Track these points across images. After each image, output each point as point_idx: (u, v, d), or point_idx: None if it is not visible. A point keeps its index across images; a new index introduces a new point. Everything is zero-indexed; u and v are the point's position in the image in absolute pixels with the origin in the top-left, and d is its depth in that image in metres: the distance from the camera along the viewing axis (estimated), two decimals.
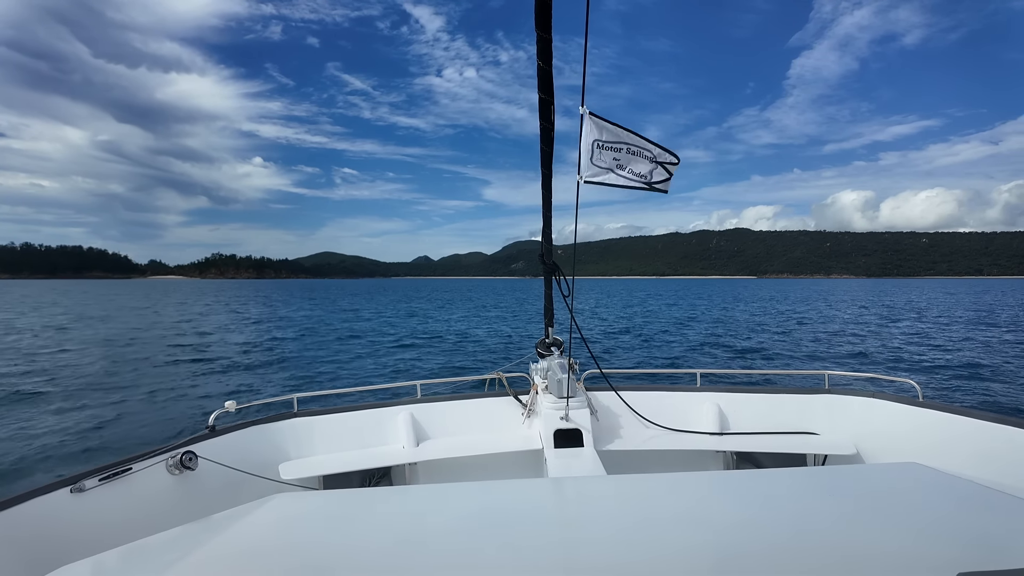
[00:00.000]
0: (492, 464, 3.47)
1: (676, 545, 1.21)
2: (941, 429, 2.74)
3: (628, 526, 1.35)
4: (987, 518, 1.30)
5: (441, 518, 1.46)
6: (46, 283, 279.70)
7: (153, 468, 2.55)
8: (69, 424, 8.52)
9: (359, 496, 1.87)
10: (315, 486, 3.22)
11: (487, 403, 3.65)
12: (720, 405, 3.49)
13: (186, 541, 1.39)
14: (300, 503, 1.70)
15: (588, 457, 2.93)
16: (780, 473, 1.77)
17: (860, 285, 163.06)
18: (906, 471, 1.66)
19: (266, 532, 1.44)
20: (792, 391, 3.48)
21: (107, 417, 9.01)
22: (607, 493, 1.68)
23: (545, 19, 2.11)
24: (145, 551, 1.33)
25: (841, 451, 3.08)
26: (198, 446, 2.76)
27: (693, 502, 1.51)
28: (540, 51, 2.24)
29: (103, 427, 8.43)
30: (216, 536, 1.43)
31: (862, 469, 1.94)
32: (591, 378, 3.69)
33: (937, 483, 1.52)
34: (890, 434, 3.02)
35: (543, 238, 3.27)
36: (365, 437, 3.42)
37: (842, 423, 3.26)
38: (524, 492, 1.71)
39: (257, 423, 3.21)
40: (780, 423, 3.39)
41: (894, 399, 3.09)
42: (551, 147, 2.71)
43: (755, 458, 3.51)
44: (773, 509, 1.43)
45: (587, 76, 2.27)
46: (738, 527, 1.30)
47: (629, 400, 3.50)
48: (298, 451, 3.27)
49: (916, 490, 1.49)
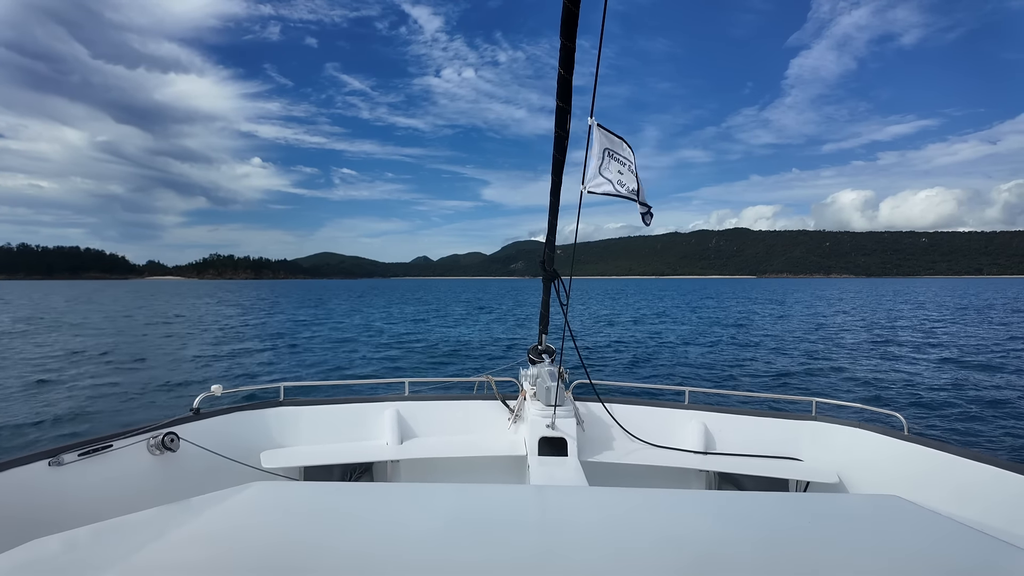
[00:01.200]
0: (475, 467, 3.46)
1: (653, 560, 1.21)
2: (924, 464, 2.75)
3: (605, 539, 1.35)
4: (963, 556, 1.30)
5: (419, 517, 1.45)
6: (41, 284, 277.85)
7: (134, 447, 2.54)
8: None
9: (338, 489, 1.86)
10: (296, 476, 3.21)
11: (474, 405, 3.64)
12: (706, 424, 3.48)
13: (161, 522, 1.38)
14: (279, 492, 1.69)
15: (571, 467, 2.95)
16: (761, 496, 1.78)
17: (860, 285, 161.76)
18: (886, 503, 1.66)
19: (242, 519, 1.44)
20: (779, 415, 3.48)
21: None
22: (588, 504, 1.67)
23: (571, 29, 2.11)
24: (119, 529, 1.32)
25: (824, 479, 3.08)
26: (181, 428, 2.77)
27: (673, 519, 1.52)
28: (563, 59, 2.24)
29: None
30: (192, 520, 1.42)
31: (842, 498, 1.93)
32: (580, 388, 3.66)
33: (916, 517, 1.52)
34: (873, 465, 3.01)
35: (547, 244, 3.28)
36: (349, 431, 3.41)
37: (826, 451, 3.26)
38: (505, 497, 1.71)
39: (242, 409, 3.21)
40: (765, 446, 3.38)
41: (879, 431, 3.07)
42: (564, 155, 2.72)
43: (738, 479, 3.47)
44: (751, 531, 1.43)
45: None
46: (715, 547, 1.30)
47: (616, 413, 3.50)
48: (281, 440, 3.27)
49: (894, 523, 1.49)
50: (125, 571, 1.08)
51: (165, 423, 2.72)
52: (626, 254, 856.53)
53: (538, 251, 3.41)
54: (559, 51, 2.22)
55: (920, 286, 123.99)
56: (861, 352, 18.42)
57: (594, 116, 2.50)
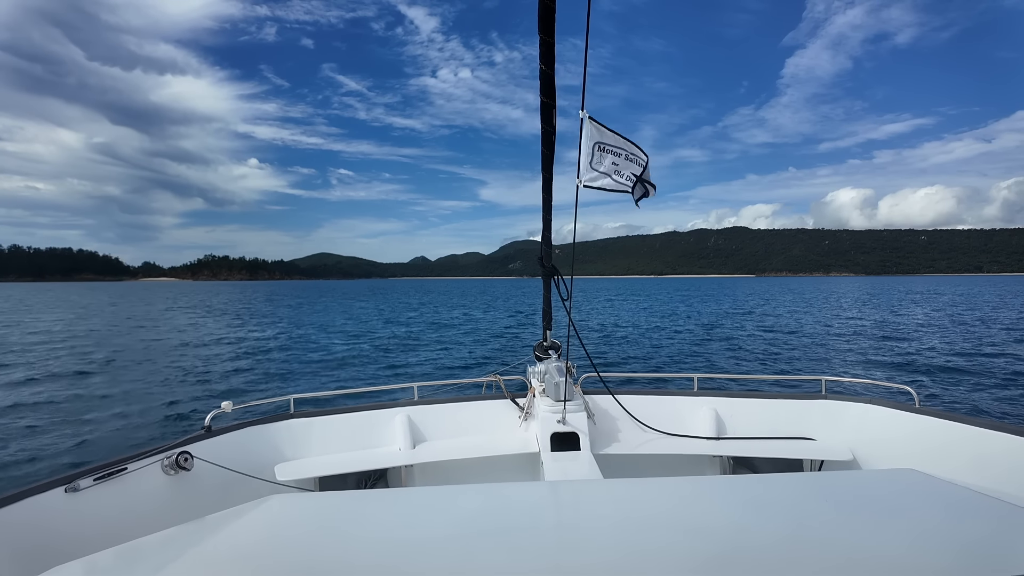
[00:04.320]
0: (489, 467, 3.48)
1: (672, 549, 1.21)
2: (937, 435, 2.75)
3: (624, 530, 1.35)
4: (983, 525, 1.30)
5: (437, 521, 1.45)
6: (30, 286, 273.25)
7: (148, 468, 2.54)
8: None
9: (355, 498, 1.86)
10: (311, 487, 3.23)
11: (484, 406, 3.66)
12: (717, 410, 3.49)
13: (181, 542, 1.38)
14: (296, 504, 1.69)
15: (585, 461, 2.96)
16: (776, 478, 1.77)
17: (859, 283, 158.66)
18: (902, 477, 1.66)
19: (261, 533, 1.44)
20: (789, 396, 3.49)
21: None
22: (603, 497, 1.68)
23: (548, 24, 2.14)
24: (139, 551, 1.32)
25: (838, 457, 3.08)
26: (194, 446, 2.78)
27: (690, 506, 1.51)
28: (543, 55, 2.27)
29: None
30: (211, 537, 1.42)
31: (858, 475, 1.94)
32: (588, 382, 3.69)
33: (933, 489, 1.52)
34: (887, 440, 3.02)
35: (543, 241, 3.32)
36: (361, 439, 3.43)
37: (839, 429, 3.27)
38: (520, 495, 1.71)
39: (253, 424, 3.22)
40: (777, 428, 3.39)
41: (891, 405, 3.09)
42: (552, 150, 2.75)
43: (752, 463, 3.50)
44: (769, 513, 1.42)
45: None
46: (734, 531, 1.30)
47: (626, 404, 3.52)
48: (294, 452, 3.28)
49: (912, 496, 1.49)
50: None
51: (178, 443, 2.72)
52: (624, 253, 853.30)
53: (536, 250, 3.44)
54: (539, 46, 2.23)
55: (922, 284, 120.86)
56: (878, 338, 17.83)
57: (585, 109, 2.46)
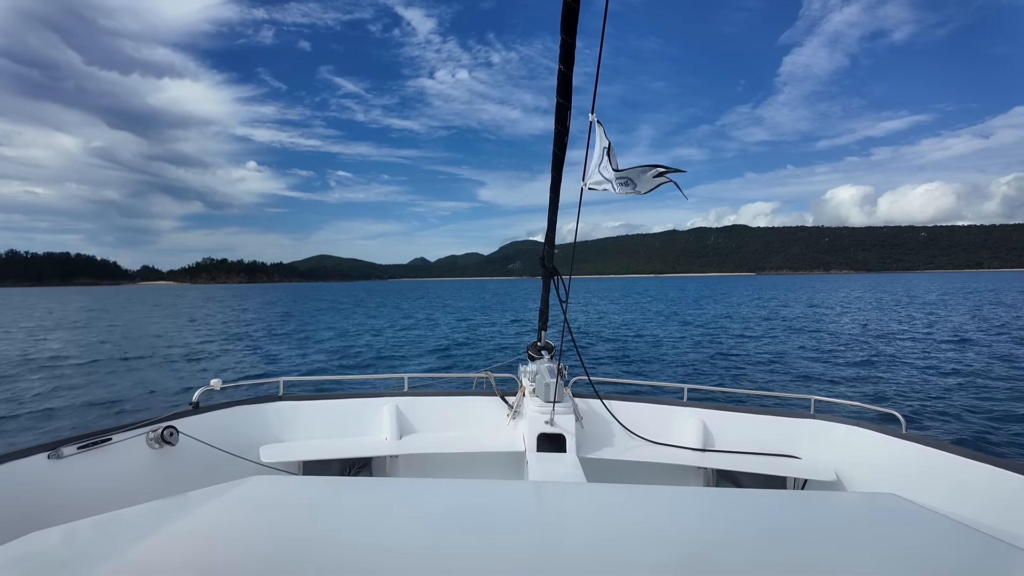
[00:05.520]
0: (473, 463, 3.49)
1: (649, 558, 1.22)
2: (921, 462, 2.75)
3: (604, 535, 1.36)
4: (960, 554, 1.31)
5: (417, 512, 1.46)
6: (29, 291, 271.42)
7: (133, 440, 2.55)
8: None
9: (336, 483, 1.87)
10: (294, 471, 3.22)
11: (473, 401, 3.65)
12: (705, 421, 3.49)
13: (159, 516, 1.39)
14: (277, 486, 1.69)
15: (570, 463, 2.97)
16: (759, 494, 1.80)
17: (863, 280, 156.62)
18: (883, 501, 1.67)
19: (240, 513, 1.45)
20: (777, 413, 3.49)
21: None
22: (586, 500, 1.69)
23: (571, 24, 2.12)
24: (118, 523, 1.33)
25: (821, 476, 3.09)
26: (180, 422, 2.77)
27: (671, 516, 1.53)
28: (563, 55, 2.25)
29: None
30: (190, 513, 1.43)
31: (840, 496, 1.94)
32: (579, 384, 3.65)
33: (913, 515, 1.53)
34: (871, 463, 3.03)
35: (546, 242, 3.30)
36: (348, 426, 3.43)
37: (824, 449, 3.27)
38: (503, 493, 1.72)
39: (241, 403, 3.22)
40: (763, 444, 3.39)
41: (878, 429, 3.09)
42: (564, 152, 2.73)
43: (736, 477, 3.46)
44: (748, 528, 1.44)
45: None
46: (712, 544, 1.31)
47: (615, 409, 3.52)
48: (280, 434, 3.28)
49: (891, 521, 1.49)
50: (124, 564, 1.09)
51: (164, 417, 2.71)
52: (624, 252, 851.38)
53: (536, 251, 3.44)
54: (560, 47, 2.22)
55: (924, 281, 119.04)
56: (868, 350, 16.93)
57: (595, 113, 2.45)
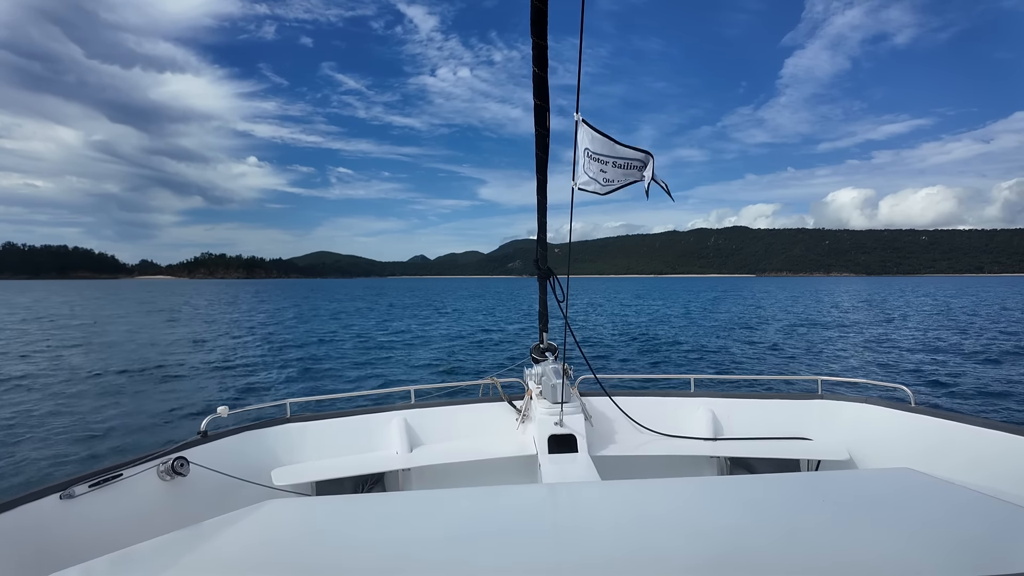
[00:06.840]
0: (486, 470, 3.46)
1: (670, 551, 1.21)
2: (933, 435, 2.76)
3: (623, 531, 1.35)
4: (980, 524, 1.30)
5: (434, 524, 1.45)
6: (24, 284, 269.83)
7: (144, 474, 2.53)
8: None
9: (351, 502, 1.86)
10: (308, 492, 3.22)
11: (481, 408, 3.66)
12: (714, 411, 3.50)
13: (177, 548, 1.38)
14: (292, 509, 1.68)
15: (582, 463, 2.96)
16: (773, 478, 1.77)
17: (859, 284, 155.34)
18: (899, 476, 1.67)
19: (257, 538, 1.44)
20: (786, 396, 3.51)
21: None
22: (601, 499, 1.68)
23: (541, 26, 2.15)
24: (135, 558, 1.32)
25: (834, 456, 3.10)
26: (190, 452, 2.76)
27: (687, 507, 1.52)
28: (536, 57, 2.28)
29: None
30: (207, 542, 1.42)
31: (855, 474, 1.96)
32: (585, 383, 3.69)
33: (930, 488, 1.52)
34: (883, 439, 3.04)
35: (538, 243, 3.33)
36: (358, 443, 3.42)
37: (835, 428, 3.28)
38: (518, 498, 1.71)
39: (250, 428, 3.21)
40: (774, 428, 3.40)
41: (887, 404, 3.11)
42: (547, 152, 2.78)
43: (749, 463, 3.50)
44: (766, 514, 1.43)
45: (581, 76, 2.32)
46: (731, 532, 1.30)
47: (623, 405, 3.54)
48: (291, 457, 3.27)
49: (909, 495, 1.49)
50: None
51: (173, 448, 2.71)
52: (624, 252, 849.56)
53: (534, 250, 3.44)
54: (532, 49, 2.24)
55: (924, 285, 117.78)
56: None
57: (579, 112, 2.45)
